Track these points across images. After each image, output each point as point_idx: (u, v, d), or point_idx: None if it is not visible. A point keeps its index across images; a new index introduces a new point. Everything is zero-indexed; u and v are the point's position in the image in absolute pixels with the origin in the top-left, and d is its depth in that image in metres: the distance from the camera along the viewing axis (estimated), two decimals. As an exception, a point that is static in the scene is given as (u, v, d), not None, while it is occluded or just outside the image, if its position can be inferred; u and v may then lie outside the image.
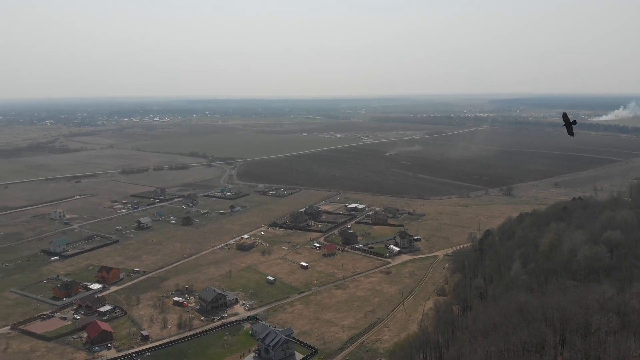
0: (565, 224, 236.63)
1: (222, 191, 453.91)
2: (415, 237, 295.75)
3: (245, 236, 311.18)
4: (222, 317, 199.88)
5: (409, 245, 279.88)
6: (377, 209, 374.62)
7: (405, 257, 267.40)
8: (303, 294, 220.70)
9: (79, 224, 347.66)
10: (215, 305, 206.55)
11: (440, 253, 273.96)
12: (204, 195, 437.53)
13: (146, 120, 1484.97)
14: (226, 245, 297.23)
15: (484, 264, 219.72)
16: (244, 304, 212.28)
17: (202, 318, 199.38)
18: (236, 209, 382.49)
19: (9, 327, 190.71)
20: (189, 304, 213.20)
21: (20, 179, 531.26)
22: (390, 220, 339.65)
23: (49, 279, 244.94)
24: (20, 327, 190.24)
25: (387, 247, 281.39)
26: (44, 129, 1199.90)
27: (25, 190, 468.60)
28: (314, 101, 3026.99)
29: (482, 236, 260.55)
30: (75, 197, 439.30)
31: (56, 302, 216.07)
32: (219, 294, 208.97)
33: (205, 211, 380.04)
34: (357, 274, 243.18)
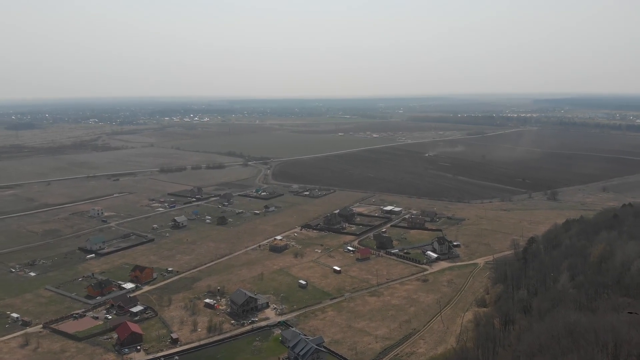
0: (616, 233, 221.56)
1: (257, 191, 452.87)
2: (454, 243, 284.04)
3: (278, 237, 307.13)
4: (253, 322, 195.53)
5: (447, 251, 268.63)
6: (414, 212, 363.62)
7: (444, 264, 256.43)
8: (335, 300, 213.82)
9: (116, 222, 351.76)
10: (246, 308, 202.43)
11: (480, 261, 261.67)
12: (239, 195, 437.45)
13: (187, 119, 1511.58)
14: (259, 246, 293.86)
15: (528, 274, 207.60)
16: (274, 308, 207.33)
17: (233, 322, 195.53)
18: (270, 209, 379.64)
19: (41, 325, 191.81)
20: (220, 307, 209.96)
21: (63, 176, 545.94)
22: (427, 225, 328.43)
23: (83, 277, 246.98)
24: (52, 326, 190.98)
25: (424, 253, 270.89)
26: (87, 128, 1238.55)
27: (67, 188, 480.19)
28: (350, 101, 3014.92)
29: (525, 244, 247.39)
30: (114, 195, 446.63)
31: (89, 301, 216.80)
32: (250, 297, 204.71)
33: (239, 211, 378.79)
34: (392, 281, 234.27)
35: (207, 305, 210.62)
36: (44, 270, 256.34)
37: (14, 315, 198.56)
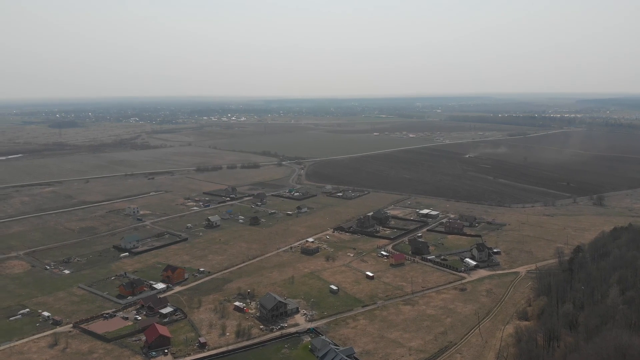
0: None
1: (290, 191, 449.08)
2: (494, 250, 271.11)
3: (310, 239, 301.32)
4: (282, 327, 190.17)
5: (487, 259, 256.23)
6: (452, 216, 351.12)
7: (483, 273, 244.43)
8: (367, 308, 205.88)
9: (151, 221, 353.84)
10: (275, 313, 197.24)
11: (522, 269, 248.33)
12: (272, 195, 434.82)
13: (224, 119, 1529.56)
14: (291, 248, 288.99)
15: (573, 286, 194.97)
16: (304, 314, 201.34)
17: (262, 327, 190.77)
18: (303, 210, 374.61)
19: (71, 325, 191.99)
20: (249, 310, 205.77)
21: (102, 173, 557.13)
22: (466, 230, 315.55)
23: (116, 275, 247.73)
24: (82, 325, 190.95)
25: (462, 260, 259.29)
26: (128, 126, 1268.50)
27: (105, 185, 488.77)
28: (387, 100, 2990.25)
29: (571, 253, 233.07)
30: (151, 193, 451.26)
31: (120, 301, 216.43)
32: (280, 302, 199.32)
33: (272, 211, 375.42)
34: (428, 289, 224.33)
35: (237, 308, 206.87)
36: (78, 268, 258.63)
37: (45, 314, 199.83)
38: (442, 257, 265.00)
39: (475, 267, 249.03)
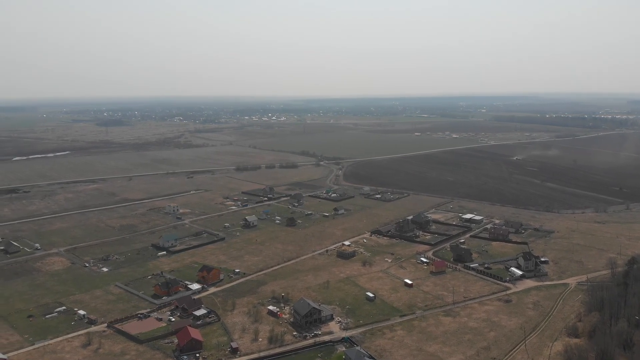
0: None
1: (327, 192, 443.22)
2: (542, 259, 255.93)
3: (347, 243, 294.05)
4: (316, 335, 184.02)
5: (533, 268, 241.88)
6: (497, 221, 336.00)
7: (529, 283, 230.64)
8: (405, 318, 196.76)
9: (190, 219, 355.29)
10: (309, 320, 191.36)
11: (572, 281, 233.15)
12: (309, 196, 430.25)
13: (265, 119, 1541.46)
14: (326, 251, 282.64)
15: (628, 302, 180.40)
16: (339, 321, 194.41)
17: (295, 333, 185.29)
18: (340, 211, 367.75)
19: (106, 325, 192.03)
20: (283, 315, 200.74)
21: (145, 172, 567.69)
22: (512, 237, 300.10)
23: (153, 274, 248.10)
24: (116, 325, 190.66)
25: (507, 269, 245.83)
26: (172, 125, 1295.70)
27: (146, 183, 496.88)
28: (429, 99, 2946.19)
29: (625, 265, 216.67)
30: (191, 192, 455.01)
31: (155, 301, 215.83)
32: (314, 308, 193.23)
33: (309, 212, 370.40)
34: (470, 300, 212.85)
35: (270, 312, 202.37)
36: (117, 266, 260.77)
37: (81, 312, 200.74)
38: (485, 265, 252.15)
39: (522, 277, 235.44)
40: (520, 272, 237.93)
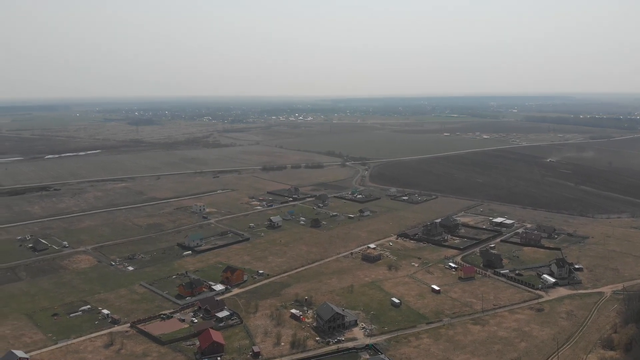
0: None
1: (352, 193, 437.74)
2: (576, 266, 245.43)
3: (372, 245, 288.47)
4: (339, 341, 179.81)
5: (567, 275, 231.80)
6: (529, 226, 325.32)
7: (562, 291, 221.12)
8: (432, 325, 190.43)
9: (216, 219, 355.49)
10: (332, 325, 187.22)
11: (607, 289, 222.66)
12: (334, 197, 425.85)
13: (292, 118, 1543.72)
14: (351, 253, 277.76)
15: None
16: (363, 327, 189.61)
17: (318, 338, 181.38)
18: (365, 213, 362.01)
19: (129, 325, 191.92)
20: (306, 319, 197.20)
21: (173, 170, 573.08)
22: (544, 242, 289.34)
23: (177, 274, 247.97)
24: (139, 325, 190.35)
25: (539, 275, 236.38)
26: (201, 125, 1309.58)
27: (174, 182, 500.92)
28: (459, 98, 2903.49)
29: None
30: (218, 191, 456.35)
31: (179, 301, 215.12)
32: (337, 313, 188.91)
33: (334, 213, 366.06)
34: (500, 308, 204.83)
35: (293, 316, 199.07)
36: (142, 265, 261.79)
37: (105, 311, 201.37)
38: (516, 271, 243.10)
39: (554, 284, 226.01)
40: (553, 280, 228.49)
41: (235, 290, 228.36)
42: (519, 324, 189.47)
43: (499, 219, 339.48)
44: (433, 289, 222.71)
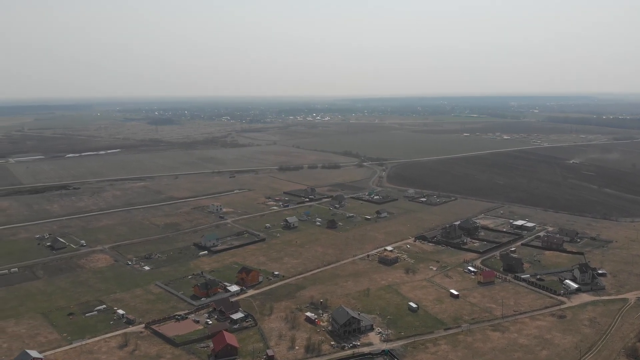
0: None
1: (369, 194, 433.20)
2: (599, 272, 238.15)
3: (389, 248, 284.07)
4: (354, 346, 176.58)
5: (590, 281, 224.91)
6: (550, 229, 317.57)
7: (585, 297, 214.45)
8: (450, 331, 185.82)
9: (233, 219, 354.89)
10: (347, 329, 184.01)
11: (631, 296, 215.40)
12: (351, 197, 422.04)
13: (309, 118, 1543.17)
14: (367, 256, 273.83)
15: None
16: (379, 332, 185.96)
17: (333, 343, 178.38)
18: (382, 214, 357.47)
19: (143, 325, 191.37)
20: (321, 323, 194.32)
21: (191, 170, 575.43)
22: (566, 246, 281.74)
23: (193, 274, 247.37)
24: (154, 326, 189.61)
25: (561, 281, 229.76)
26: (220, 125, 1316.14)
27: (192, 182, 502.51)
28: (479, 98, 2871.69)
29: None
30: (235, 191, 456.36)
31: (194, 302, 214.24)
32: (353, 317, 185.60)
33: (350, 215, 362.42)
34: (521, 314, 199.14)
35: (308, 319, 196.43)
36: (158, 265, 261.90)
37: (120, 312, 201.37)
38: (538, 276, 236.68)
39: (577, 290, 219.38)
40: (575, 285, 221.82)
41: (250, 292, 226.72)
42: (540, 331, 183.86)
43: (519, 222, 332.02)
44: (451, 294, 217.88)
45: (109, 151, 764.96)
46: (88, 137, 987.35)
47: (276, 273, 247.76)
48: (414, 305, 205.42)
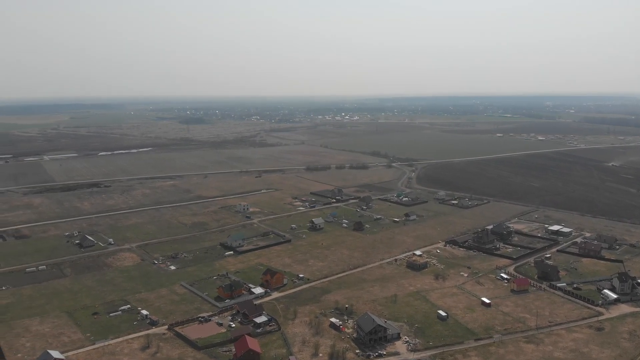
0: None
1: (398, 195, 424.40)
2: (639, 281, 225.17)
3: (418, 252, 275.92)
4: (380, 355, 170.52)
5: (630, 291, 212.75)
6: (588, 235, 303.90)
7: (625, 309, 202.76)
8: (481, 342, 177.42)
9: (259, 219, 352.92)
10: (373, 337, 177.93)
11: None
12: (378, 199, 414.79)
13: (338, 118, 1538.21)
14: (395, 260, 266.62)
15: None
16: (406, 341, 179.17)
17: (357, 351, 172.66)
18: (411, 217, 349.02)
19: (167, 327, 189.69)
20: (346, 329, 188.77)
21: (220, 169, 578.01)
22: (604, 253, 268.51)
23: (218, 275, 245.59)
24: (177, 328, 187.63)
25: (599, 290, 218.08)
26: (250, 124, 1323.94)
27: (220, 181, 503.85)
28: (512, 98, 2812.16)
29: None
30: (262, 191, 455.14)
31: (217, 304, 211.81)
32: (379, 325, 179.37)
33: (378, 217, 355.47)
34: (556, 325, 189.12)
35: (333, 325, 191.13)
36: (184, 265, 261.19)
37: (144, 312, 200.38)
38: (574, 285, 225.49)
39: (616, 300, 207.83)
40: (614, 296, 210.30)
41: (275, 294, 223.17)
42: (577, 344, 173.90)
43: (555, 227, 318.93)
44: (483, 302, 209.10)
45: (140, 149, 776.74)
46: (121, 136, 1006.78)
47: (301, 276, 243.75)
48: (443, 313, 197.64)
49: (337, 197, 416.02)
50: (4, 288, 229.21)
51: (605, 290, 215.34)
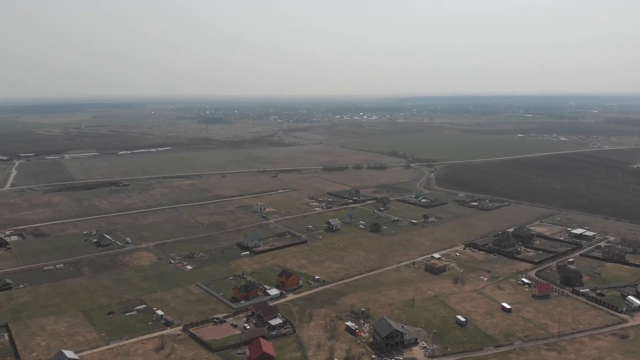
0: None
1: (416, 197, 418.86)
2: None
3: (436, 255, 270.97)
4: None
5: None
6: (612, 239, 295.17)
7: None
8: (501, 349, 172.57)
9: (276, 219, 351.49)
10: (390, 342, 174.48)
11: None
12: (396, 200, 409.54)
13: (356, 118, 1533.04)
14: (413, 263, 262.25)
15: None
16: (424, 347, 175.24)
17: (374, 356, 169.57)
18: (430, 219, 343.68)
19: (181, 327, 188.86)
20: (362, 334, 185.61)
21: (238, 169, 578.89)
22: (629, 258, 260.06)
23: (234, 275, 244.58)
24: (191, 329, 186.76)
25: (624, 296, 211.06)
26: (268, 124, 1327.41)
27: (238, 181, 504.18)
28: (534, 98, 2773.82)
29: None
30: (279, 191, 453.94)
31: (232, 305, 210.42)
32: (396, 330, 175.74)
33: (395, 218, 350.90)
34: (579, 332, 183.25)
35: (348, 329, 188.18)
36: (200, 265, 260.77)
37: (159, 312, 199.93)
38: (598, 291, 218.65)
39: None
40: (639, 302, 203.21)
41: (290, 296, 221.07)
42: (600, 353, 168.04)
43: (578, 230, 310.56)
44: (503, 307, 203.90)
45: (160, 149, 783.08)
46: (141, 135, 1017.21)
47: (317, 277, 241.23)
48: (462, 318, 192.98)
49: (354, 198, 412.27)
50: (21, 286, 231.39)
51: (630, 297, 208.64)
